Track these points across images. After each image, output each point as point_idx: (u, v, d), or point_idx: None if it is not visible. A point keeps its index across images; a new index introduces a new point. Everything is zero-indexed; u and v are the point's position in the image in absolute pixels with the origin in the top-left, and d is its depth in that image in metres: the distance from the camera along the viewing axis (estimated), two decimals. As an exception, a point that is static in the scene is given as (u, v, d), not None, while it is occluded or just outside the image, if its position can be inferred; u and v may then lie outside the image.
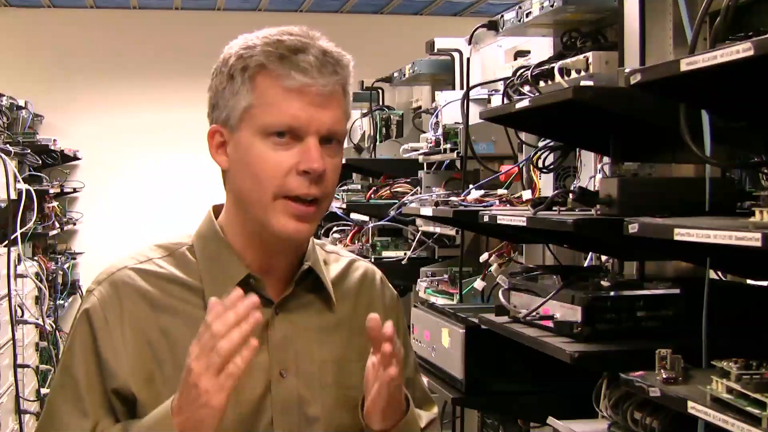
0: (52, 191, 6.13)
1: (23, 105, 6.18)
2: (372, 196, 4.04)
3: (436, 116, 3.32)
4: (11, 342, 4.27)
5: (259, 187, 1.35)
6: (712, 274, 2.01)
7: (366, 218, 4.23)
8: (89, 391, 1.35)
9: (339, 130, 1.38)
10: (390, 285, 1.61)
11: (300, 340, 1.42)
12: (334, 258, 1.55)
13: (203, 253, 1.43)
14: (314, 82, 1.33)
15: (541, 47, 2.63)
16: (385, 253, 3.98)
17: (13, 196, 4.32)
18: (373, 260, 3.89)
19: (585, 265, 2.46)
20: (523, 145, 2.70)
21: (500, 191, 2.75)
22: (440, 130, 3.24)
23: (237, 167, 1.38)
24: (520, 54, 3.10)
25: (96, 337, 1.36)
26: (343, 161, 1.46)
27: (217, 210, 1.47)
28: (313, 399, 1.41)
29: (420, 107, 4.42)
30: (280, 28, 1.37)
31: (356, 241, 4.20)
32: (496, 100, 2.95)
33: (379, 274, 1.60)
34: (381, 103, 4.89)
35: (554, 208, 1.99)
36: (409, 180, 3.94)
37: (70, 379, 1.37)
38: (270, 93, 1.33)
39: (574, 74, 2.09)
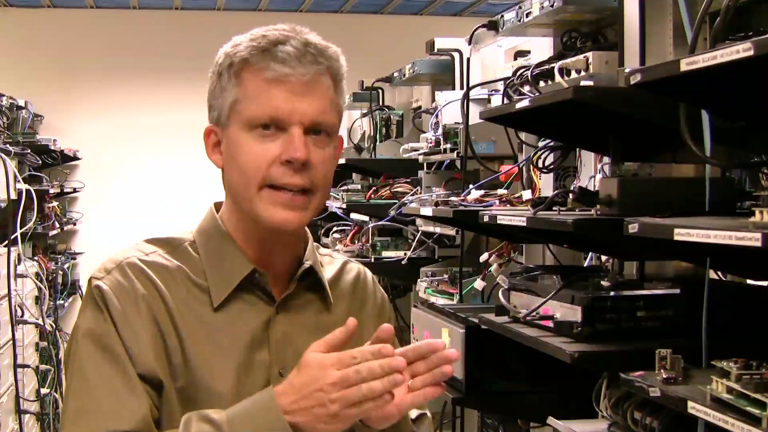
0: (52, 191, 6.13)
1: (23, 105, 6.18)
2: (372, 196, 4.04)
3: (436, 116, 3.32)
4: (11, 342, 4.27)
5: (245, 179, 1.35)
6: (712, 274, 2.01)
7: (366, 218, 4.23)
8: (134, 372, 1.31)
9: (325, 121, 1.37)
10: (380, 286, 1.62)
11: (299, 340, 1.42)
12: (328, 260, 1.56)
13: (206, 249, 1.43)
14: (293, 72, 1.33)
15: (541, 47, 2.63)
16: (385, 253, 3.98)
17: (13, 196, 4.32)
18: (373, 260, 3.90)
19: (585, 265, 2.46)
20: (523, 145, 2.70)
21: (500, 191, 2.75)
22: (440, 130, 3.24)
23: (228, 163, 1.39)
24: (520, 54, 3.10)
25: (116, 325, 1.33)
26: (343, 161, 1.47)
27: (218, 207, 1.48)
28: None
29: (420, 107, 4.42)
30: (268, 26, 1.38)
31: (356, 241, 4.20)
32: (496, 100, 2.95)
33: (370, 275, 1.61)
34: (381, 103, 4.89)
35: (554, 208, 1.99)
36: (409, 180, 3.94)
37: (113, 359, 1.31)
38: (252, 86, 1.35)
39: (574, 74, 2.09)
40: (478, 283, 3.07)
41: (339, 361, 1.24)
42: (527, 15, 2.42)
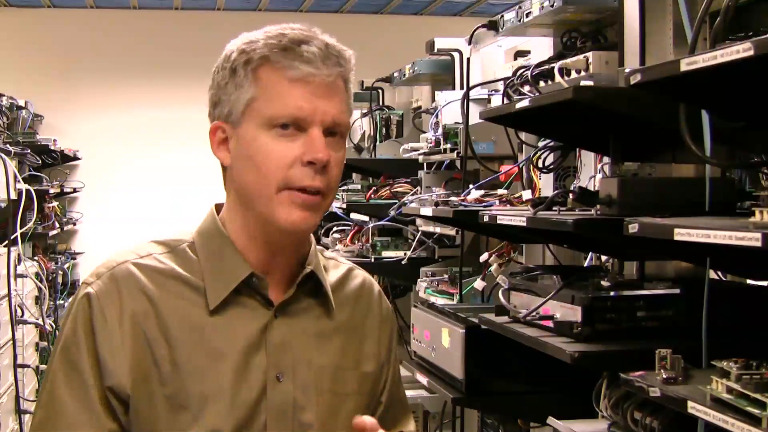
0: (52, 191, 6.13)
1: (23, 105, 6.19)
2: (372, 196, 4.04)
3: (436, 116, 3.32)
4: (11, 342, 4.28)
5: (263, 179, 1.34)
6: (712, 274, 2.01)
7: (366, 218, 4.23)
8: (95, 387, 1.33)
9: (343, 122, 1.37)
10: (386, 298, 1.60)
11: (298, 345, 1.41)
12: (333, 264, 1.54)
13: (205, 251, 1.41)
14: (318, 72, 1.33)
15: (541, 47, 2.63)
16: (385, 253, 3.98)
17: (13, 196, 4.33)
18: (373, 260, 3.90)
19: (585, 265, 2.46)
20: (523, 145, 2.70)
21: (500, 191, 2.75)
22: (440, 130, 3.24)
23: (240, 162, 1.37)
24: (520, 54, 3.10)
25: (95, 333, 1.34)
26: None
27: (219, 208, 1.46)
28: (308, 405, 1.40)
29: (420, 107, 4.42)
30: (281, 25, 1.38)
31: (356, 241, 4.20)
32: (496, 100, 2.95)
33: (377, 286, 1.59)
34: (381, 103, 4.89)
35: (554, 208, 1.99)
36: (409, 180, 3.94)
37: (76, 373, 1.33)
38: (274, 84, 1.33)
39: (574, 74, 2.09)
40: (478, 283, 3.07)
41: None
42: (527, 15, 2.42)
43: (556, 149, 2.53)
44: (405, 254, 3.86)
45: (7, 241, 4.34)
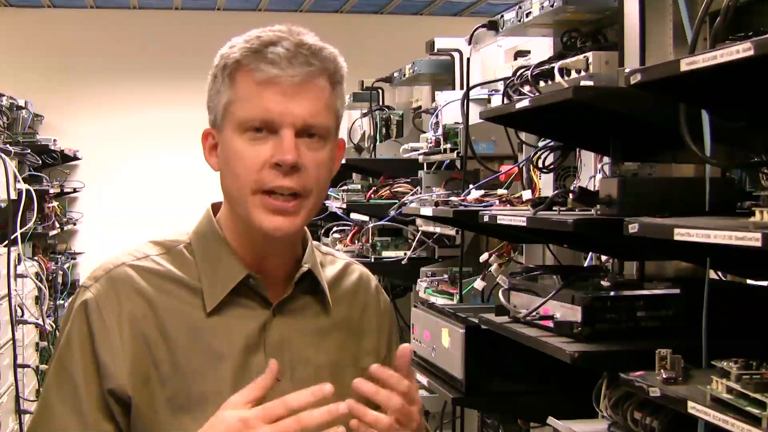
0: (52, 191, 6.13)
1: (23, 105, 6.19)
2: (372, 196, 4.05)
3: (436, 116, 3.32)
4: (11, 342, 4.27)
5: (238, 183, 1.34)
6: (712, 274, 2.01)
7: (366, 218, 4.23)
8: (87, 391, 1.33)
9: (318, 123, 1.34)
10: (384, 292, 1.60)
11: (296, 344, 1.41)
12: (330, 260, 1.54)
13: (201, 252, 1.41)
14: (283, 73, 1.31)
15: (541, 47, 2.63)
16: (385, 253, 3.98)
17: (13, 196, 4.33)
18: (373, 260, 3.90)
19: (585, 265, 2.46)
20: (523, 145, 2.70)
21: (500, 191, 2.75)
22: (440, 130, 3.24)
23: (222, 166, 1.38)
24: (520, 54, 3.10)
25: (93, 336, 1.34)
26: (343, 161, 1.46)
27: (215, 208, 1.46)
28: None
29: (420, 107, 4.42)
30: (266, 27, 1.37)
31: (356, 241, 4.20)
32: (496, 100, 2.95)
33: (374, 280, 1.58)
34: (381, 103, 4.89)
35: (554, 208, 1.99)
36: (409, 180, 3.94)
37: (68, 378, 1.34)
38: (244, 88, 1.33)
39: (574, 74, 2.09)
40: (478, 283, 3.07)
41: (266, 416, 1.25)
42: (527, 15, 2.42)
43: (556, 149, 2.53)
44: (405, 254, 3.86)
45: (7, 241, 4.34)
